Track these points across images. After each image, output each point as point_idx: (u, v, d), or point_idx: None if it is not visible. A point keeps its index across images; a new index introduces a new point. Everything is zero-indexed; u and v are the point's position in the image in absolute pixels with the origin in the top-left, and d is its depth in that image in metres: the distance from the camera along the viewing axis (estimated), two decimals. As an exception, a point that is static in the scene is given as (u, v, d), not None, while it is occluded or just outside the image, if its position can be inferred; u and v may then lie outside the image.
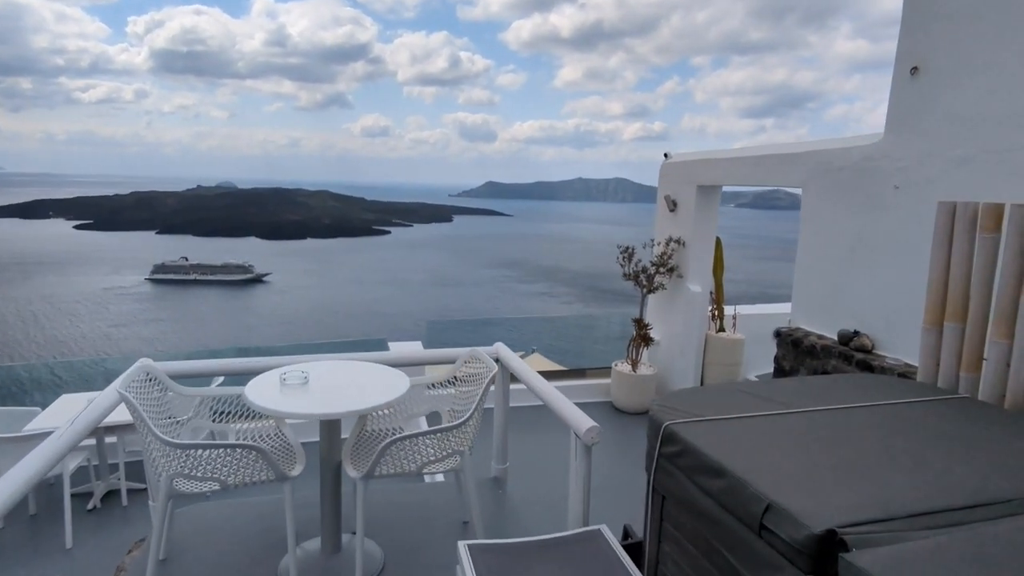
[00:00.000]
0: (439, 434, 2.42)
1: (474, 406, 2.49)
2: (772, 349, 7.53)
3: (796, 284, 4.96)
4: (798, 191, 4.95)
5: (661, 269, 6.39)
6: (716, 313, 6.81)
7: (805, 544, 1.43)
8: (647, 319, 6.48)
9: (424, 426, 3.14)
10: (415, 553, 2.76)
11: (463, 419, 2.43)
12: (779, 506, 1.53)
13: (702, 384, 6.76)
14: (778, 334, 4.91)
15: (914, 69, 3.95)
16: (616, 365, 6.62)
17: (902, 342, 4.06)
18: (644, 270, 6.43)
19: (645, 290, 6.45)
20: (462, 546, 2.17)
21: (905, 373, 3.84)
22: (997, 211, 2.46)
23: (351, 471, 2.50)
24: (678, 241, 6.39)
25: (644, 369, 6.51)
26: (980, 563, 1.30)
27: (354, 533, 2.82)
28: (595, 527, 2.33)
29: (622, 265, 6.58)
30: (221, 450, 2.22)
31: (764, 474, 1.67)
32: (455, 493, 3.15)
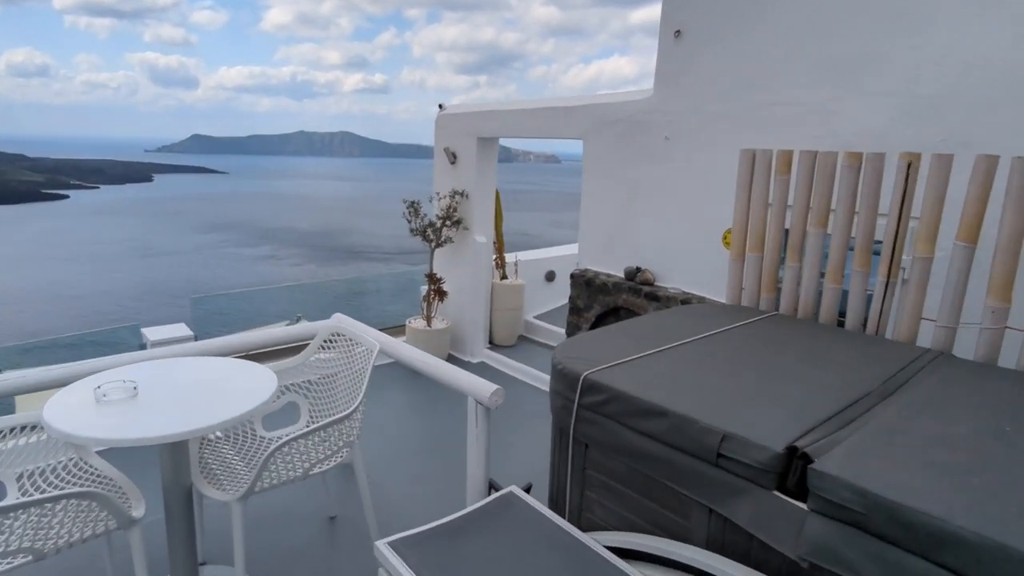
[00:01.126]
0: (329, 428, 2.07)
1: (362, 392, 2.18)
2: (543, 291, 8.16)
3: (582, 229, 5.38)
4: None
5: (447, 222, 6.37)
6: (499, 262, 7.09)
7: (770, 463, 1.57)
8: (436, 273, 6.43)
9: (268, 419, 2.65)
10: (289, 569, 2.37)
11: (354, 405, 2.12)
12: (735, 435, 1.65)
13: (491, 331, 7.06)
14: (571, 276, 5.30)
15: (677, 32, 4.46)
16: (410, 322, 6.51)
17: (678, 274, 4.71)
18: (431, 224, 6.35)
19: (433, 244, 6.38)
20: (383, 546, 1.93)
21: (686, 300, 4.48)
22: (788, 156, 2.94)
23: (215, 493, 2.00)
24: (461, 194, 6.41)
25: (438, 323, 6.51)
26: (895, 438, 1.58)
27: (204, 564, 2.32)
28: (506, 490, 2.27)
29: (409, 220, 6.40)
30: (40, 508, 1.56)
31: (705, 407, 1.79)
32: (308, 487, 2.78)
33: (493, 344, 7.11)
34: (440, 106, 6.70)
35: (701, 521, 1.77)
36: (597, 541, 1.98)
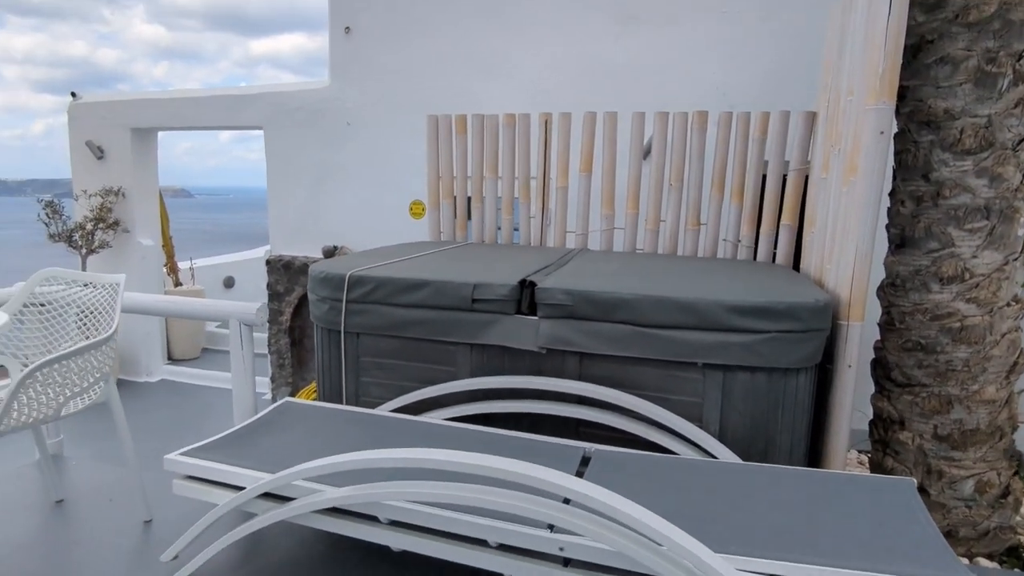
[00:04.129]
0: (88, 352, 1.90)
1: (115, 321, 2.04)
2: (223, 298, 7.73)
3: (271, 217, 5.43)
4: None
5: (101, 225, 5.62)
6: (171, 267, 6.50)
7: (511, 294, 2.19)
8: (96, 283, 5.61)
9: None
10: (15, 566, 2.03)
11: (112, 329, 1.98)
12: (483, 283, 2.22)
13: (168, 345, 6.44)
14: (266, 263, 5.31)
15: (347, 28, 4.97)
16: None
17: (374, 246, 5.16)
18: (80, 227, 5.52)
19: (84, 250, 5.56)
20: (177, 456, 1.92)
21: (385, 266, 4.98)
22: (463, 119, 3.71)
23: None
24: (116, 192, 5.73)
25: (100, 342, 5.66)
26: (577, 273, 2.36)
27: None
28: (281, 401, 2.42)
29: (47, 223, 5.44)
30: None
31: (454, 275, 2.32)
32: (19, 473, 2.37)
33: (173, 359, 6.48)
34: (73, 95, 5.85)
35: (464, 359, 2.29)
36: (382, 409, 2.33)
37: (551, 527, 1.52)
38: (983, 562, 2.21)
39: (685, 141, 3.30)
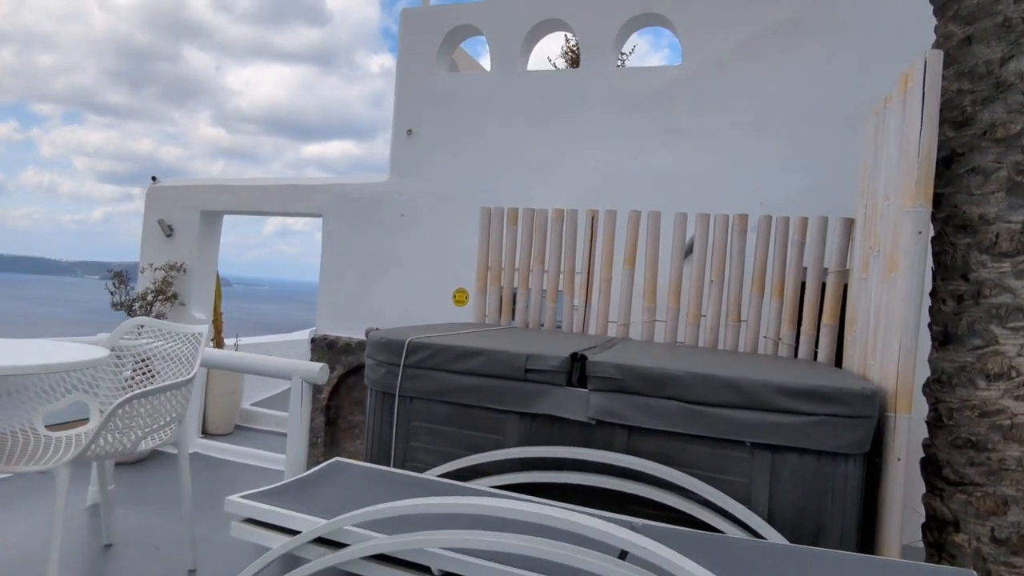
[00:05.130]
0: (169, 392, 2.03)
1: (196, 366, 2.19)
2: (260, 378, 7.86)
3: (321, 298, 5.69)
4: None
5: (160, 296, 5.94)
6: (217, 342, 6.73)
7: (562, 365, 2.29)
8: (147, 352, 5.84)
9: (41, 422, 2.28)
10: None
11: (193, 372, 2.13)
12: (536, 354, 2.33)
13: (205, 417, 6.53)
14: (311, 340, 5.50)
15: (409, 131, 5.44)
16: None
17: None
18: (142, 297, 5.84)
19: (141, 321, 5.84)
20: (237, 499, 1.99)
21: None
22: (515, 212, 3.97)
23: (32, 467, 1.75)
24: (179, 268, 6.10)
25: (141, 410, 5.80)
26: (624, 353, 2.46)
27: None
28: (332, 460, 2.49)
29: (112, 292, 5.78)
30: None
31: (507, 345, 2.44)
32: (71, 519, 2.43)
33: (206, 433, 6.54)
34: (153, 178, 6.41)
35: (514, 428, 2.35)
36: (430, 474, 2.38)
37: (605, 583, 1.53)
38: None
39: (726, 242, 3.47)
